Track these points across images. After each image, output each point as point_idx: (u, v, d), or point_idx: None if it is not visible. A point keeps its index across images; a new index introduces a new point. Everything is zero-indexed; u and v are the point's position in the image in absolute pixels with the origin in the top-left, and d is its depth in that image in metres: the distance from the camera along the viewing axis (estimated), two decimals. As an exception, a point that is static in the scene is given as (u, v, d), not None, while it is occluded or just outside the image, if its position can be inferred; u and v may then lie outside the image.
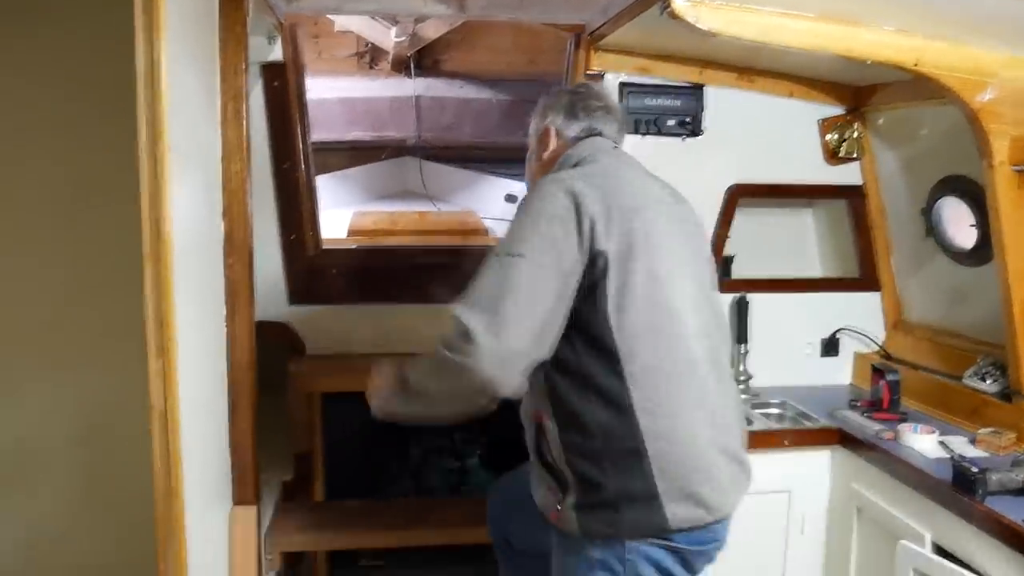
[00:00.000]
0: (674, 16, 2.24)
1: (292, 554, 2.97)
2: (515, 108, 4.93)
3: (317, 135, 4.03)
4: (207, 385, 1.92)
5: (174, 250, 1.54)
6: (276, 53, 2.77)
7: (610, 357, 1.66)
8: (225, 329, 2.06)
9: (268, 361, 2.92)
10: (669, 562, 1.73)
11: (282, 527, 2.67)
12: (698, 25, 2.24)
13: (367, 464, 3.36)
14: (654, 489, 1.66)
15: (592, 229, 1.68)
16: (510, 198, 4.66)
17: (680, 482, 1.68)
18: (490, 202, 4.85)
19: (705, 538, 1.78)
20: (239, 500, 2.11)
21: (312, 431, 2.95)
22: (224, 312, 2.06)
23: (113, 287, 1.77)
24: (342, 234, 3.84)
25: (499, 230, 4.42)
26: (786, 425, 2.84)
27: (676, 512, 1.68)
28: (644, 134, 3.00)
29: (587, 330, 1.68)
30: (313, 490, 2.99)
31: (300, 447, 2.91)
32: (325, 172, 4.47)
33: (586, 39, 2.88)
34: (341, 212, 4.38)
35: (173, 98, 1.52)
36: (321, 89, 4.22)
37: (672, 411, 1.69)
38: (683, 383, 1.72)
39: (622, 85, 2.97)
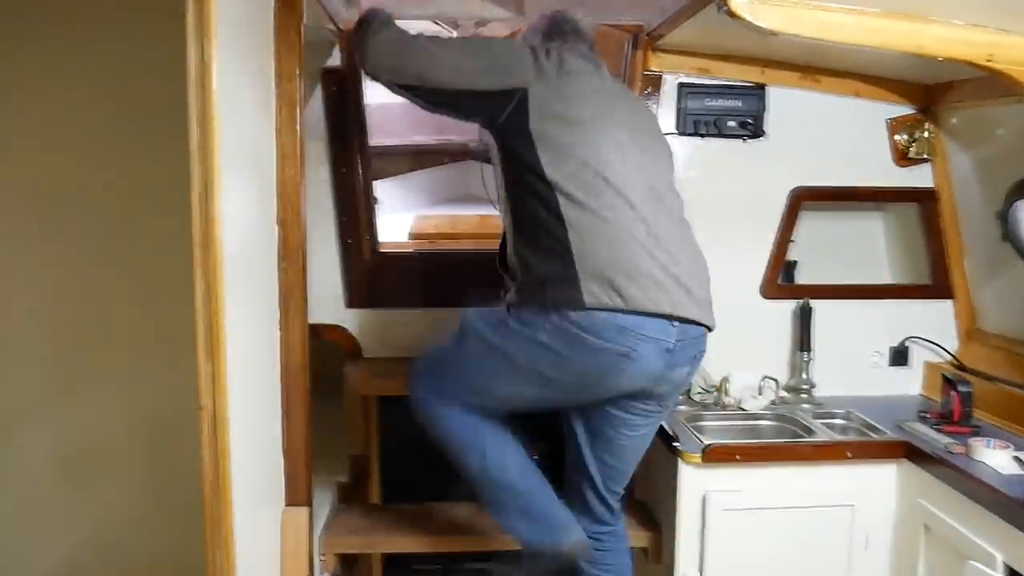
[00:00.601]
0: (732, 14, 2.19)
1: (347, 556, 3.00)
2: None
3: (379, 139, 4.07)
4: (259, 387, 1.94)
5: (224, 255, 1.56)
6: (336, 58, 2.81)
7: (547, 185, 2.00)
8: (279, 333, 2.09)
9: (326, 364, 2.96)
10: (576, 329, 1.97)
11: (336, 529, 2.70)
12: (756, 23, 2.18)
13: (426, 468, 3.37)
14: (573, 271, 1.95)
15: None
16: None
17: (600, 270, 1.96)
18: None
19: (615, 329, 1.97)
20: (291, 501, 2.14)
21: (368, 434, 2.97)
22: (277, 316, 2.08)
23: (172, 290, 1.80)
24: (404, 238, 3.87)
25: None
26: (850, 437, 2.74)
27: (591, 290, 1.94)
28: (704, 135, 2.94)
29: (522, 159, 2.03)
30: (369, 492, 3.00)
31: (356, 449, 2.93)
32: (388, 176, 4.50)
33: (644, 39, 2.84)
34: (403, 216, 4.42)
35: (224, 103, 1.54)
36: (384, 93, 4.24)
37: (598, 230, 1.99)
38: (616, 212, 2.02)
39: (681, 86, 2.92)
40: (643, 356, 2.00)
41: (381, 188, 4.41)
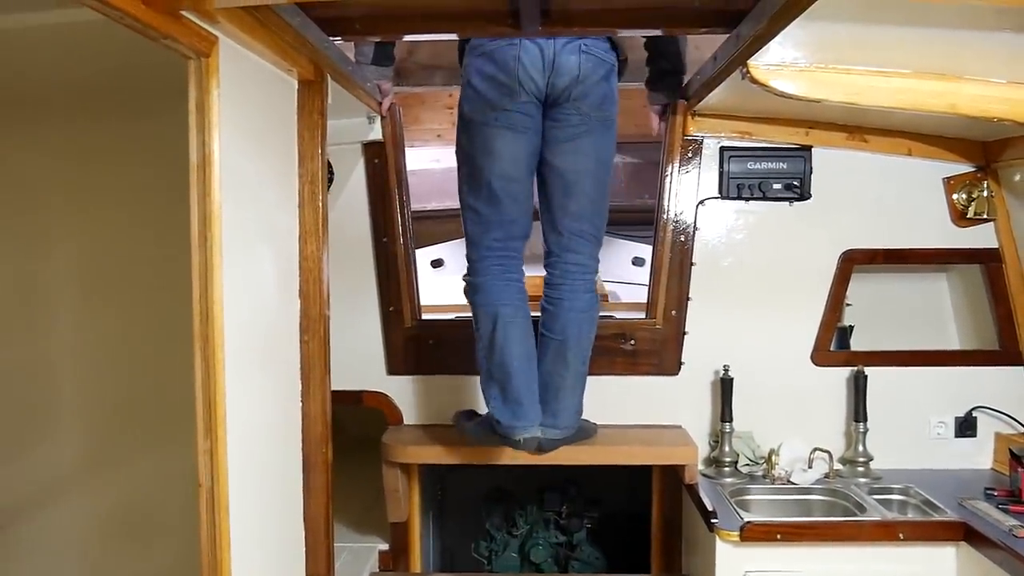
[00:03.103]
0: (754, 81, 2.17)
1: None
2: (640, 170, 4.87)
3: (439, 202, 4.13)
4: (274, 461, 1.97)
5: (225, 333, 1.60)
6: (376, 132, 2.89)
7: None
8: (299, 404, 2.12)
9: (369, 430, 3.00)
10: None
11: (370, 599, 2.70)
12: (780, 89, 2.14)
13: (474, 536, 3.35)
14: None
15: None
16: (637, 261, 4.58)
17: None
18: (616, 265, 4.77)
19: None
20: (312, 572, 2.14)
21: (409, 501, 2.97)
22: (299, 388, 2.12)
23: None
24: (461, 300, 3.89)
25: (623, 294, 4.34)
26: (907, 514, 2.58)
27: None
28: (748, 199, 2.88)
29: None
30: (410, 560, 2.99)
31: (396, 517, 2.93)
32: (451, 240, 4.56)
33: (682, 104, 2.81)
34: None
35: (229, 185, 1.60)
36: (440, 155, 4.31)
37: None
38: None
39: (723, 149, 2.87)
40: (528, 48, 2.31)
41: (447, 250, 4.51)
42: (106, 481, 2.53)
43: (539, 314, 2.56)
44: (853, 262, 2.85)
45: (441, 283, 4.19)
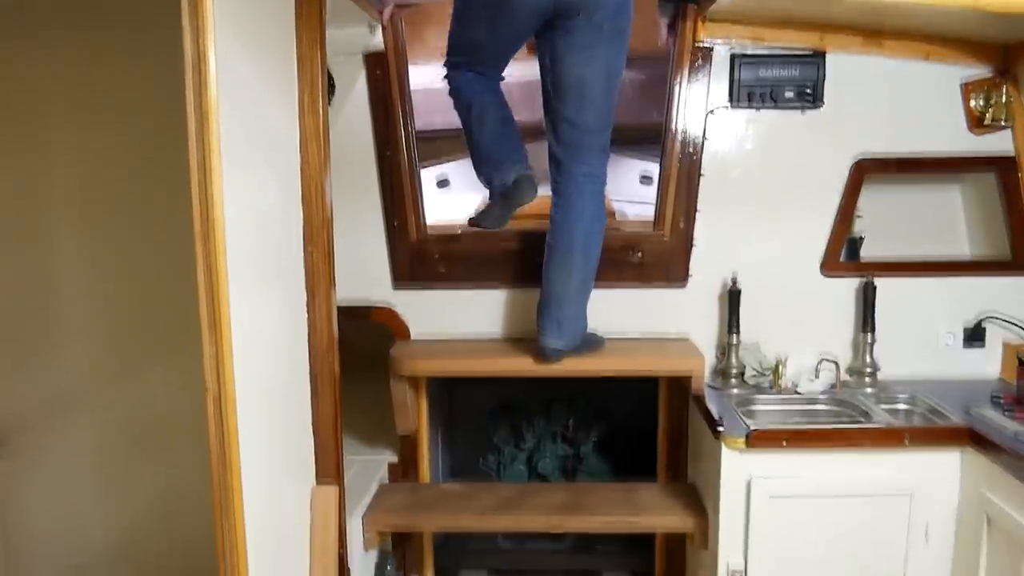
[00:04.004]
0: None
1: (399, 533, 3.05)
2: (648, 87, 4.78)
3: (444, 121, 4.07)
4: (282, 368, 1.98)
5: (226, 233, 1.59)
6: (377, 41, 2.82)
7: None
8: (306, 315, 2.12)
9: (376, 347, 3.01)
10: None
11: (380, 507, 2.75)
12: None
13: (482, 451, 3.39)
14: None
15: None
16: (645, 179, 4.52)
17: None
18: (624, 183, 4.72)
19: None
20: (320, 479, 2.18)
21: (417, 414, 2.99)
22: (305, 298, 2.12)
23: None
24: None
25: (631, 212, 4.29)
26: (914, 422, 2.58)
27: None
28: (759, 107, 2.82)
29: None
30: (418, 472, 3.04)
31: (404, 429, 2.96)
32: (457, 158, 4.50)
33: (692, 9, 2.73)
34: (473, 197, 4.42)
35: (226, 90, 1.57)
36: (433, 78, 4.22)
37: None
38: None
39: (733, 57, 2.79)
40: None
41: (452, 169, 4.46)
42: (116, 394, 2.56)
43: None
44: (865, 171, 2.80)
45: (447, 203, 4.16)
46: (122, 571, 2.63)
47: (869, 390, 2.76)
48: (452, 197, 4.29)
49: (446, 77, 2.61)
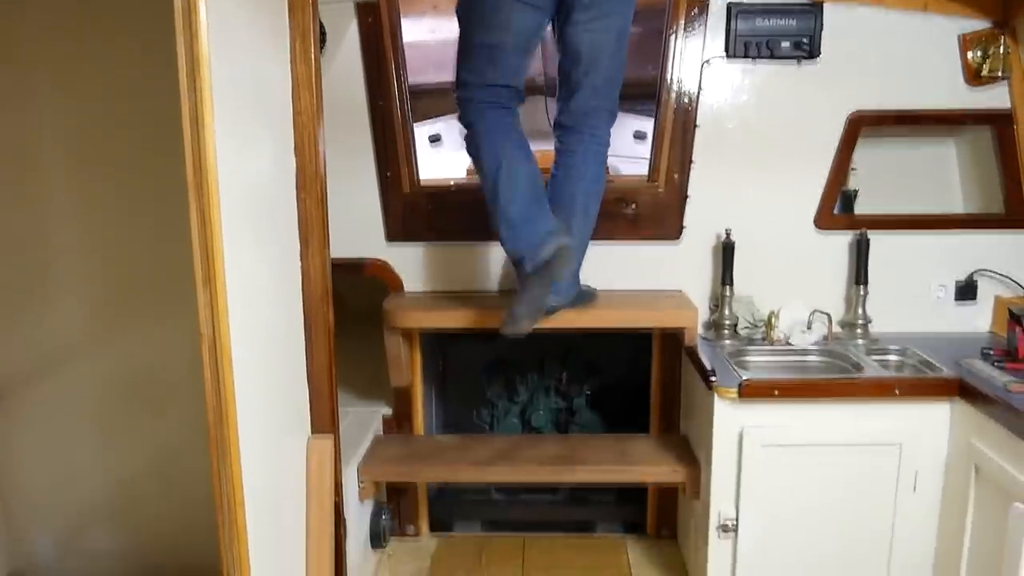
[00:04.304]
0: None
1: (395, 485, 3.08)
2: (643, 40, 4.73)
3: (436, 76, 4.02)
4: (276, 317, 1.97)
5: (219, 182, 1.57)
6: (371, -10, 2.78)
7: None
8: (299, 263, 2.11)
9: (370, 300, 3.01)
10: None
11: (374, 458, 2.77)
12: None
13: (475, 405, 3.41)
14: None
15: None
16: (639, 135, 4.49)
17: None
18: (616, 139, 4.70)
19: None
20: (316, 430, 2.18)
21: (411, 367, 3.00)
22: (298, 247, 2.10)
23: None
24: (464, 174, 3.83)
25: (624, 168, 4.27)
26: (905, 374, 2.61)
27: None
28: (755, 58, 2.79)
29: None
30: (412, 424, 3.05)
31: (398, 382, 2.97)
32: (449, 115, 4.45)
33: (688, -43, 2.69)
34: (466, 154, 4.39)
35: (217, 38, 1.54)
36: (445, 30, 4.18)
37: None
38: None
39: (730, 7, 2.76)
40: None
41: (445, 125, 4.42)
42: (112, 347, 2.54)
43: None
44: (860, 124, 2.79)
45: (440, 159, 4.13)
46: (121, 525, 2.64)
47: (860, 343, 2.77)
48: (445, 154, 4.26)
49: (458, 103, 2.47)
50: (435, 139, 4.43)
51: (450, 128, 4.29)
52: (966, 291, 2.89)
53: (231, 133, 1.65)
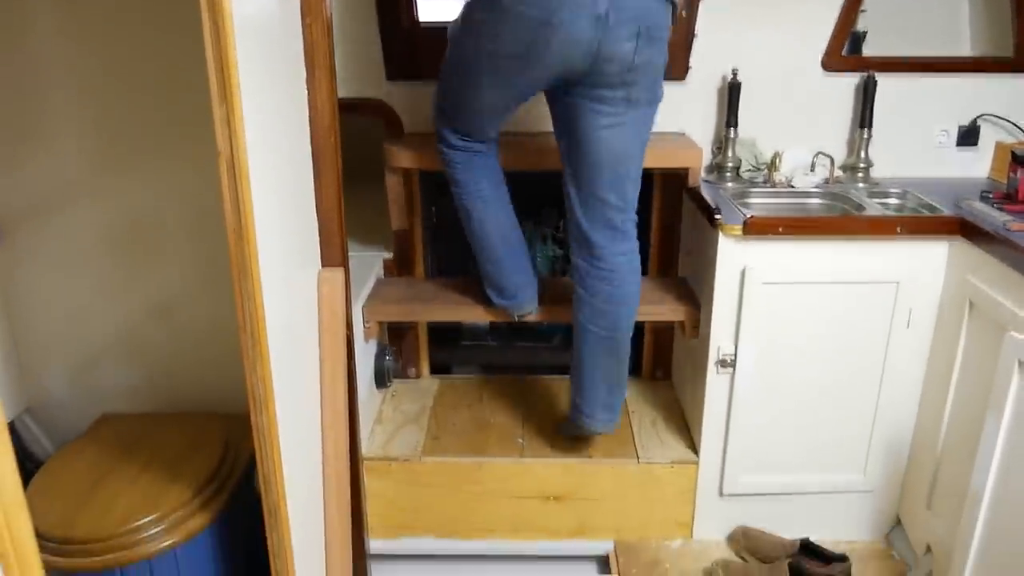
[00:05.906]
0: None
1: (395, 329, 3.12)
2: None
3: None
4: (286, 142, 1.94)
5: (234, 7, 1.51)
6: None
7: None
8: (306, 92, 2.06)
9: (370, 139, 2.96)
10: None
11: (378, 298, 2.79)
12: None
13: (472, 257, 3.41)
14: None
15: None
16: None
17: None
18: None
19: None
20: (326, 263, 2.19)
21: (411, 209, 2.99)
22: (304, 75, 2.04)
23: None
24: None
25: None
26: (905, 215, 2.64)
27: None
28: None
29: None
30: (413, 267, 3.07)
31: (399, 224, 2.97)
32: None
33: None
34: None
35: None
36: None
37: None
38: None
39: None
40: (567, 24, 1.95)
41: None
42: (110, 192, 2.49)
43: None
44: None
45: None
46: (130, 364, 2.67)
47: (862, 185, 2.79)
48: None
49: (439, 147, 2.44)
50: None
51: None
52: (968, 136, 2.89)
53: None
